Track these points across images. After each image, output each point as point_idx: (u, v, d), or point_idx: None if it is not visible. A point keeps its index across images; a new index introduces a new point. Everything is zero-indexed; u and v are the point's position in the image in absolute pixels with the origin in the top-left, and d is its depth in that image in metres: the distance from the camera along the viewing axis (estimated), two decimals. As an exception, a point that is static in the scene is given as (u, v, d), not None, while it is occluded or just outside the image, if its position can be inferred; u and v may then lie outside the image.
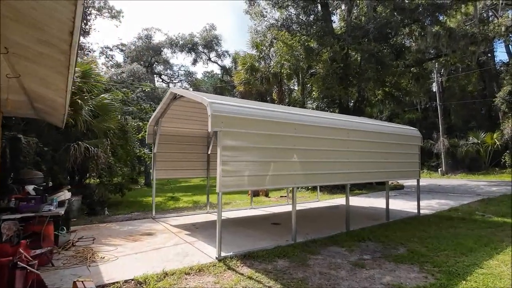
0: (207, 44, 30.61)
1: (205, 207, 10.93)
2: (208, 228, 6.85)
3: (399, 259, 4.92)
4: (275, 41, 14.21)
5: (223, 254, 4.82)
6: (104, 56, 34.25)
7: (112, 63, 32.25)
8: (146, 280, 3.85)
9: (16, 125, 8.53)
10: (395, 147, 7.66)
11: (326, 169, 6.12)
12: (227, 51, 32.20)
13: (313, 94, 14.57)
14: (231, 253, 4.87)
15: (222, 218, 8.34)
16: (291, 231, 5.73)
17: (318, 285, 3.89)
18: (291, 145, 5.57)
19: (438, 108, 25.17)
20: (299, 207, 10.24)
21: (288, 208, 10.04)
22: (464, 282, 4.00)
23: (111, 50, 33.84)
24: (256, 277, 4.09)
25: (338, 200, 12.03)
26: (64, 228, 5.35)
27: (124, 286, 3.73)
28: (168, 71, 33.30)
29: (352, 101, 17.44)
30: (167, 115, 7.56)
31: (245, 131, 4.96)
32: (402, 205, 10.37)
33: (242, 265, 4.54)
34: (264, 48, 15.60)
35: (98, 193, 10.53)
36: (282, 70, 15.41)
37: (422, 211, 8.88)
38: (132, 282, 3.84)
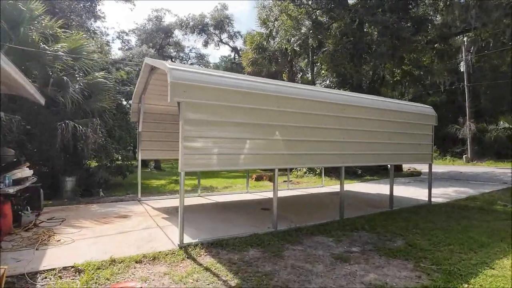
0: (218, 24, 29.61)
1: (204, 190, 10.57)
2: (189, 212, 6.38)
3: (393, 253, 4.20)
4: (281, 15, 13.15)
5: (187, 240, 4.30)
6: (121, 41, 34.31)
7: (128, 47, 32.21)
8: (87, 267, 3.40)
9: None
10: (402, 127, 6.74)
11: (316, 149, 5.38)
12: (239, 32, 31.16)
13: (322, 73, 13.53)
14: (197, 240, 4.35)
15: (212, 202, 7.94)
16: (278, 216, 5.11)
17: (283, 282, 3.28)
18: (273, 121, 4.87)
19: (466, 89, 23.14)
20: (299, 192, 9.59)
21: (287, 193, 9.42)
22: (466, 285, 3.24)
23: (127, 34, 33.78)
24: (215, 269, 3.54)
25: (346, 187, 11.20)
26: (28, 208, 5.03)
27: (60, 274, 3.30)
28: (179, 53, 32.79)
29: (368, 82, 16.17)
30: (150, 91, 7.03)
31: (214, 103, 4.31)
32: (414, 192, 9.44)
33: (206, 254, 4.01)
34: (270, 24, 14.58)
35: (95, 174, 10.36)
36: (288, 47, 14.38)
37: (435, 200, 7.96)
38: (72, 269, 3.40)
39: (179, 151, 4.08)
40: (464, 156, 22.83)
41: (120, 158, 13.51)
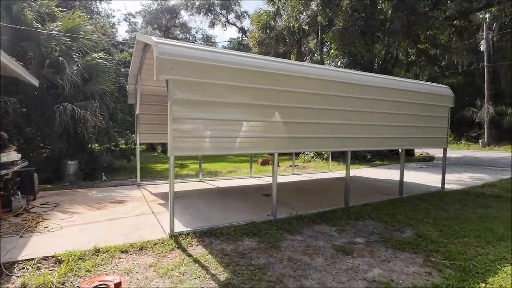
0: (225, 3, 28.58)
1: (207, 174, 10.35)
2: (187, 198, 6.15)
3: (401, 245, 3.85)
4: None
5: (179, 229, 4.05)
6: (128, 23, 33.74)
7: (133, 29, 31.68)
8: (68, 258, 3.18)
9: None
10: (415, 108, 6.22)
11: (319, 132, 4.97)
12: (246, 12, 30.07)
13: (332, 53, 12.80)
14: (189, 229, 4.09)
15: (213, 187, 7.68)
16: (280, 203, 4.81)
17: (277, 277, 2.99)
18: (271, 102, 4.46)
19: (485, 70, 21.85)
20: (304, 177, 9.25)
21: (292, 178, 9.10)
22: (484, 285, 2.88)
23: (133, 16, 33.13)
24: (205, 261, 3.28)
25: (353, 172, 10.81)
26: (19, 193, 4.87)
27: (39, 264, 3.10)
28: (186, 35, 32.02)
29: (379, 62, 15.32)
30: (145, 71, 6.67)
31: (206, 81, 3.92)
32: (425, 178, 8.97)
33: (197, 243, 3.75)
34: (277, 1, 13.77)
35: (99, 158, 10.25)
36: (295, 24, 13.60)
37: (449, 186, 7.51)
38: (52, 259, 3.20)
39: (168, 133, 3.76)
40: (480, 140, 21.88)
41: (124, 141, 13.41)
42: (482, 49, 22.55)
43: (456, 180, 8.67)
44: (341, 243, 3.93)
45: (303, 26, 15.04)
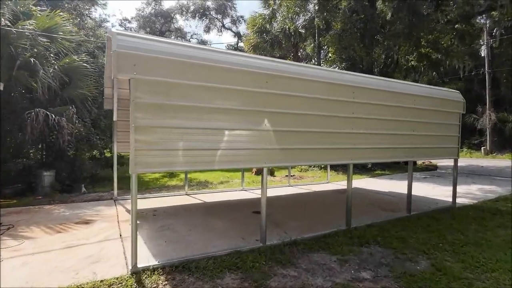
0: (220, 8, 28.12)
1: (196, 186, 9.60)
2: (166, 216, 5.40)
3: (416, 282, 3.12)
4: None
5: (145, 263, 3.30)
6: (123, 28, 33.21)
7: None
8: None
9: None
10: (424, 115, 5.55)
11: (317, 143, 4.27)
12: (242, 17, 29.55)
13: (330, 57, 12.23)
14: (157, 262, 3.34)
15: (199, 202, 6.91)
16: (272, 224, 4.08)
17: (261, 338, 2.25)
18: (260, 106, 3.77)
19: (486, 76, 21.40)
20: (301, 190, 8.53)
21: (287, 190, 8.36)
22: None
23: (129, 22, 32.67)
24: (169, 312, 2.53)
25: (354, 183, 10.08)
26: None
27: None
28: (181, 40, 31.51)
29: (379, 67, 14.73)
30: (123, 72, 5.95)
31: (178, 81, 3.23)
32: (431, 191, 8.27)
33: (165, 283, 3.00)
34: (272, 2, 13.22)
35: (81, 168, 9.50)
36: (291, 26, 13.04)
37: (459, 200, 6.80)
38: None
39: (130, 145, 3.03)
40: (482, 148, 21.30)
41: (109, 149, 12.62)
42: (482, 55, 22.13)
43: (465, 193, 7.98)
44: (344, 280, 3.20)
45: (300, 30, 14.47)
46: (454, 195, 6.41)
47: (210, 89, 3.43)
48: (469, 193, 8.02)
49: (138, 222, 4.91)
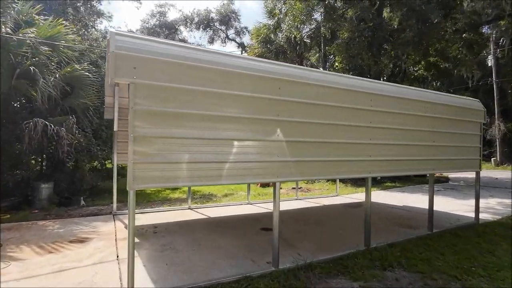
0: (224, 19, 28.30)
1: (199, 199, 9.22)
2: (168, 234, 5.00)
3: (456, 317, 2.69)
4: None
5: (143, 291, 2.90)
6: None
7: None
8: None
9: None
10: (445, 125, 5.19)
11: (335, 154, 3.91)
12: (246, 28, 29.70)
13: (336, 66, 12.02)
14: (156, 292, 2.94)
15: (203, 218, 6.48)
16: (283, 243, 3.68)
17: None
18: (272, 115, 3.43)
19: (494, 86, 21.07)
20: (309, 204, 8.10)
21: (295, 204, 7.94)
22: None
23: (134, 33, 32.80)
24: None
25: (363, 195, 9.65)
26: None
27: None
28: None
29: (385, 76, 14.46)
30: (124, 80, 5.67)
31: (183, 86, 2.91)
32: (447, 205, 7.80)
33: (165, 317, 2.60)
34: (277, 11, 13.10)
35: (82, 179, 9.19)
36: (297, 34, 12.85)
37: (480, 216, 6.33)
38: None
39: (128, 157, 2.69)
40: (492, 159, 20.76)
41: (110, 161, 12.31)
42: (490, 64, 21.86)
43: (485, 207, 7.50)
44: (371, 313, 2.77)
45: (305, 40, 14.30)
46: (477, 211, 5.97)
47: (218, 96, 3.10)
48: (490, 207, 7.55)
49: (137, 240, 4.54)
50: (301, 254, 4.06)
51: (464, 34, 14.30)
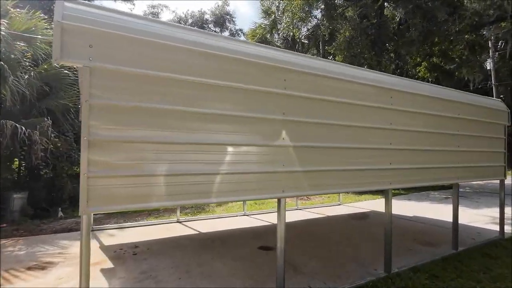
0: (218, 20, 27.70)
1: (191, 209, 8.43)
2: (151, 256, 4.22)
3: None
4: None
5: None
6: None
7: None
8: None
9: None
10: (470, 127, 4.54)
11: (350, 162, 3.21)
12: (241, 30, 29.13)
13: (336, 67, 11.43)
14: None
15: (193, 233, 5.68)
16: (288, 266, 2.93)
17: None
18: (275, 113, 2.72)
19: (494, 89, 20.75)
20: (311, 215, 7.38)
21: (296, 215, 7.22)
22: None
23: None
24: None
25: (367, 204, 8.99)
26: None
27: None
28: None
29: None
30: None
31: (159, 73, 2.19)
32: (461, 215, 7.07)
33: None
34: (274, 8, 12.50)
35: (61, 188, 8.37)
36: (295, 33, 12.24)
37: (497, 227, 5.69)
38: None
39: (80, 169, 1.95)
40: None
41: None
42: (488, 67, 21.57)
43: (505, 218, 6.85)
44: None
45: (303, 40, 13.70)
46: (502, 223, 5.32)
47: (206, 87, 2.38)
48: (509, 218, 6.90)
49: (111, 266, 3.76)
50: (309, 279, 3.32)
51: (467, 35, 13.88)
